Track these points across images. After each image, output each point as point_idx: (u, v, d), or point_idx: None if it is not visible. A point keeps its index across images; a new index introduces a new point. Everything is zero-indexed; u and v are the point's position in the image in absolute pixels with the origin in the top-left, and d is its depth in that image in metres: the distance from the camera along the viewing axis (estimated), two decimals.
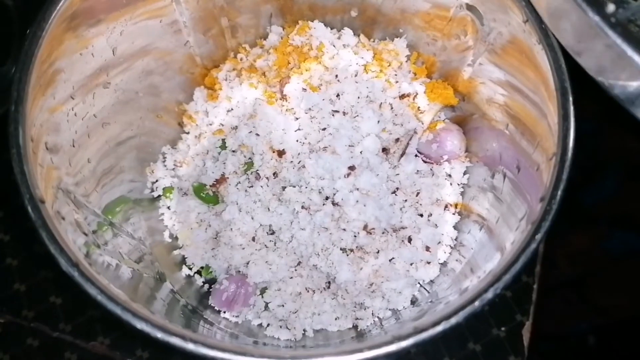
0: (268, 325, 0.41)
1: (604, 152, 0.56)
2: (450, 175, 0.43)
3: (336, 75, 0.42)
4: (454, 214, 0.43)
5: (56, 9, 0.31)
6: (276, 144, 0.41)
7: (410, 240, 0.41)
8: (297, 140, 0.41)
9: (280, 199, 0.40)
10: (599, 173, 0.58)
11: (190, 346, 0.26)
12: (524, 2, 0.32)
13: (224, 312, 0.41)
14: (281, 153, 0.41)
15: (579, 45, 0.30)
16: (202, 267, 0.44)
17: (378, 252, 0.40)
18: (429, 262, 0.41)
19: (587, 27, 0.29)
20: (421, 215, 0.42)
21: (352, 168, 0.39)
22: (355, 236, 0.39)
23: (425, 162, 0.43)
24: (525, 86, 0.35)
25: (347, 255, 0.40)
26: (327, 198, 0.40)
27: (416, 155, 0.43)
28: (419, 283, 0.41)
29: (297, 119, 0.42)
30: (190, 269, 0.43)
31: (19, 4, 0.53)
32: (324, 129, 0.41)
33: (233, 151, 0.43)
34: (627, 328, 0.58)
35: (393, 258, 0.40)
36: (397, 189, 0.41)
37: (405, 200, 0.41)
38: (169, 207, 0.45)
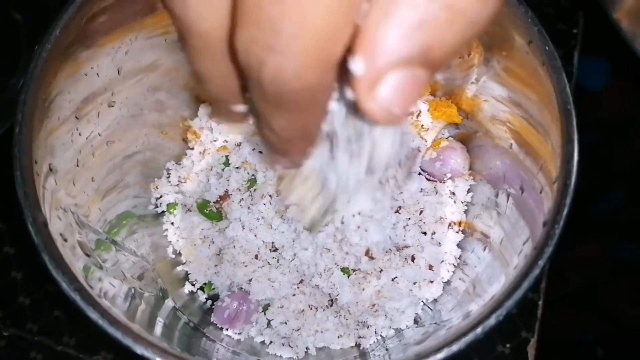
0: (271, 342, 0.41)
1: (614, 161, 0.56)
2: (453, 193, 0.43)
3: None
4: (457, 232, 0.42)
5: (61, 30, 0.31)
6: None
7: (413, 259, 0.41)
8: None
9: (283, 217, 0.40)
10: (609, 182, 0.58)
11: None
12: (527, 24, 0.32)
13: (226, 330, 0.41)
14: None
15: None
16: (204, 284, 0.44)
17: (381, 271, 0.40)
18: (432, 281, 0.41)
19: None
20: (424, 234, 0.41)
21: None
22: (357, 256, 0.39)
23: (428, 180, 0.43)
24: (529, 106, 0.35)
25: (349, 276, 0.39)
26: None
27: (419, 174, 0.43)
28: (422, 302, 0.41)
29: None
30: (193, 285, 0.43)
31: (27, 18, 0.54)
32: None
33: (237, 168, 0.43)
34: (635, 338, 0.58)
35: (396, 277, 0.40)
36: (400, 207, 0.41)
37: (409, 219, 0.41)
38: (172, 223, 0.45)
